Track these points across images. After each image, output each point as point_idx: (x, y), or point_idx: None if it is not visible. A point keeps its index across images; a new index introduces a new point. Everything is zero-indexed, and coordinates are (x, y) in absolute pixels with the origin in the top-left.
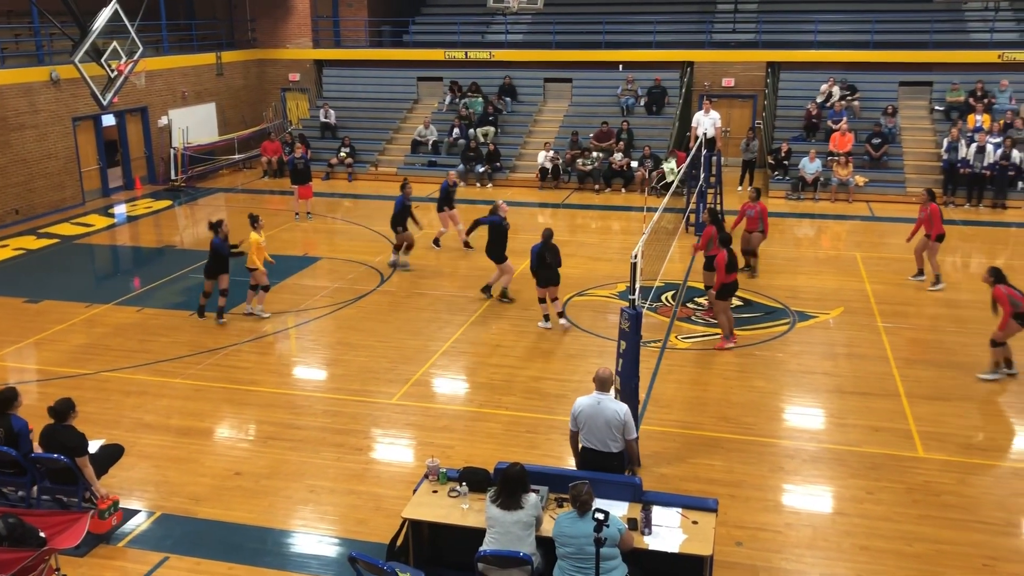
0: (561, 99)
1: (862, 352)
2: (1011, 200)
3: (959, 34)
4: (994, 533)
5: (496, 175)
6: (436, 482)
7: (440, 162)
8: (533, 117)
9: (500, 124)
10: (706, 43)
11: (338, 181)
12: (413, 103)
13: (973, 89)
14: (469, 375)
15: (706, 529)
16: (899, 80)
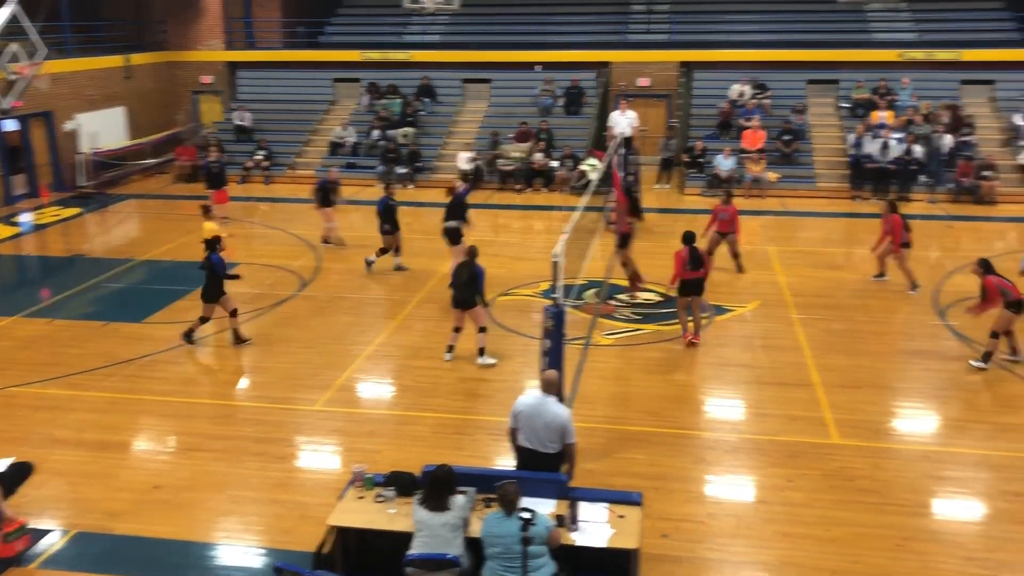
0: (480, 100)
1: (778, 343)
2: (914, 193)
3: (862, 34)
4: (907, 514)
5: (417, 176)
6: (362, 488)
7: (360, 163)
8: (452, 118)
9: (419, 125)
10: (621, 44)
11: (254, 185)
12: (330, 105)
13: (876, 86)
14: (394, 378)
15: (632, 523)
16: (807, 78)
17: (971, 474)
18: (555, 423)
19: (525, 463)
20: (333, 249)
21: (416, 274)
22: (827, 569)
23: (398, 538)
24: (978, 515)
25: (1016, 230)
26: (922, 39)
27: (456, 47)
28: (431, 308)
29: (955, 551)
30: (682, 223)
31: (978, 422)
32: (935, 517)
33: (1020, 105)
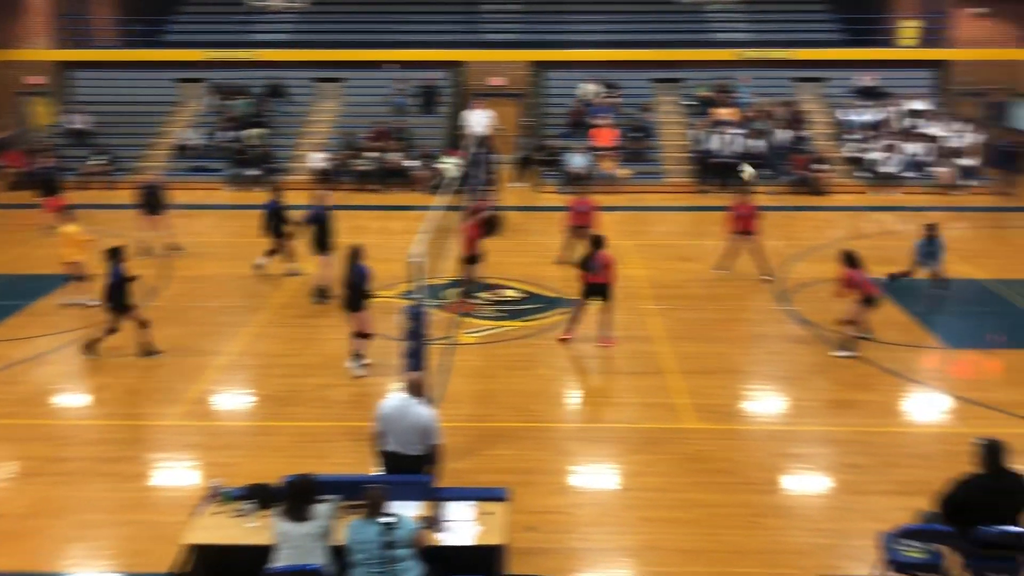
0: (332, 99)
1: (635, 334)
2: (754, 186)
3: (703, 34)
4: (758, 492)
5: (268, 178)
6: (220, 503)
7: (208, 166)
8: (304, 118)
9: (270, 126)
10: (474, 43)
11: (95, 191)
12: (174, 106)
13: (717, 84)
14: (251, 388)
15: (498, 519)
16: (653, 77)
17: (815, 450)
18: (419, 424)
19: (391, 466)
20: (179, 256)
21: (272, 280)
22: (686, 550)
23: (259, 552)
24: (822, 488)
25: (846, 218)
26: (757, 39)
27: (306, 46)
28: (289, 314)
29: (802, 524)
30: (539, 220)
31: (820, 400)
32: (784, 493)
33: (845, 101)
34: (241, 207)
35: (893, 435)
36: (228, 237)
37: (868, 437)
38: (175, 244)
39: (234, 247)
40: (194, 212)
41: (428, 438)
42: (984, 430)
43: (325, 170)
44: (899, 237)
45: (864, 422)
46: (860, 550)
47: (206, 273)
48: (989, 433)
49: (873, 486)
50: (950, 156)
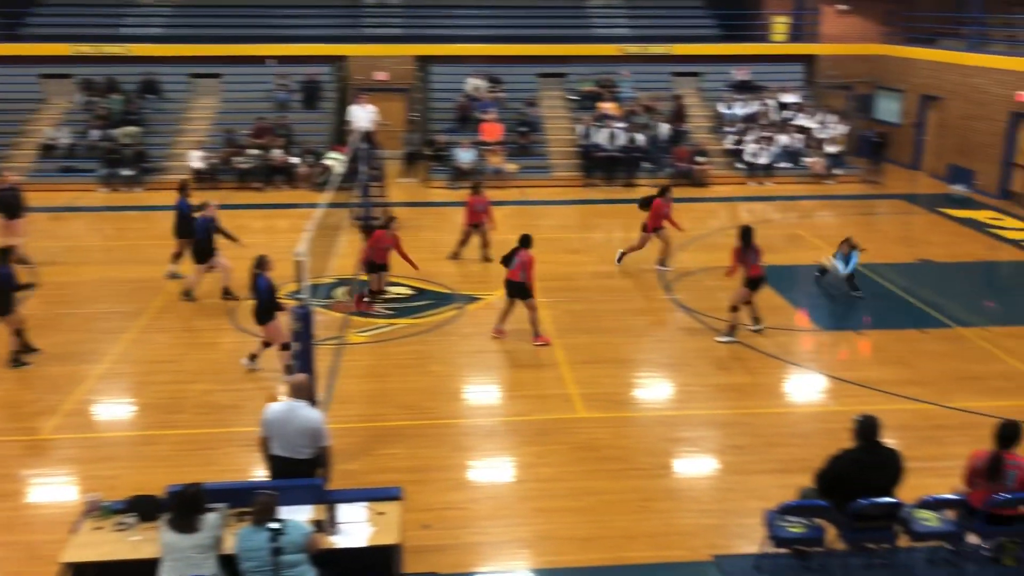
0: (211, 96)
1: (525, 327)
2: (639, 179)
3: (586, 29)
4: (647, 477)
5: (145, 178)
6: (100, 517)
7: (78, 167)
8: (181, 115)
9: (144, 124)
10: (356, 37)
11: None
12: (39, 103)
13: (600, 79)
14: (132, 397)
15: (392, 518)
16: (538, 72)
17: (701, 433)
18: (307, 427)
19: (279, 471)
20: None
21: (150, 283)
22: (579, 538)
23: (144, 567)
24: (709, 470)
25: (725, 208)
26: (637, 34)
27: (181, 40)
28: (169, 319)
29: (691, 505)
30: (429, 216)
31: (704, 385)
32: (673, 477)
33: (723, 95)
34: (117, 208)
35: (774, 416)
36: (104, 240)
37: (750, 419)
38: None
39: (110, 251)
40: (65, 215)
41: (316, 441)
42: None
43: (205, 169)
44: (775, 226)
45: (746, 404)
46: (746, 528)
47: (81, 278)
48: (863, 410)
49: (756, 466)
50: (820, 147)
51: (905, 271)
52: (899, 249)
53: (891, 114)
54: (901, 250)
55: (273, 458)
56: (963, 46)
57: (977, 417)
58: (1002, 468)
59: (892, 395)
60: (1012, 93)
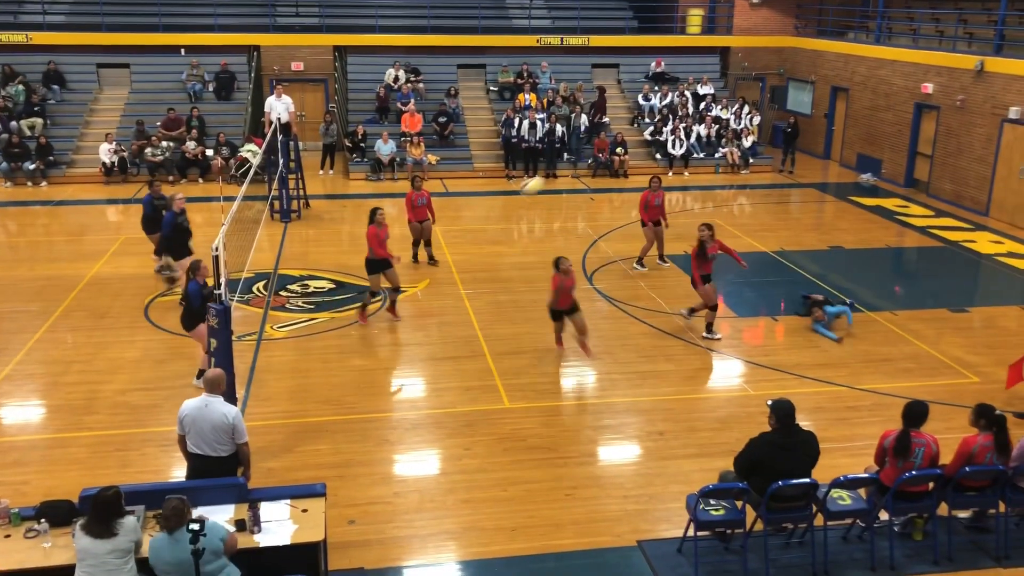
0: (120, 86)
1: (449, 319)
2: (560, 170)
3: (504, 20)
4: (573, 465)
5: (50, 171)
6: (8, 525)
7: None
8: (88, 106)
9: (49, 115)
10: (271, 27)
11: None
12: None
13: (520, 70)
14: (41, 398)
15: (316, 515)
16: (456, 63)
17: (623, 420)
18: (223, 424)
19: (198, 470)
20: None
21: (57, 281)
22: (506, 528)
23: (58, 574)
24: (631, 456)
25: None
26: (556, 26)
27: (86, 28)
28: (79, 317)
29: (615, 492)
30: (350, 208)
31: (625, 373)
32: (597, 464)
33: (641, 87)
34: (20, 203)
35: (693, 401)
36: (7, 236)
37: (671, 404)
38: None
39: (14, 247)
40: None
41: (235, 437)
42: (774, 391)
43: (115, 162)
44: (692, 215)
45: (666, 391)
46: (670, 512)
47: None
48: (779, 394)
49: (678, 451)
50: (735, 137)
51: (817, 257)
52: (811, 236)
53: (802, 105)
54: (813, 237)
55: (191, 456)
56: (870, 39)
57: (887, 398)
58: (909, 446)
59: (806, 378)
60: (917, 84)
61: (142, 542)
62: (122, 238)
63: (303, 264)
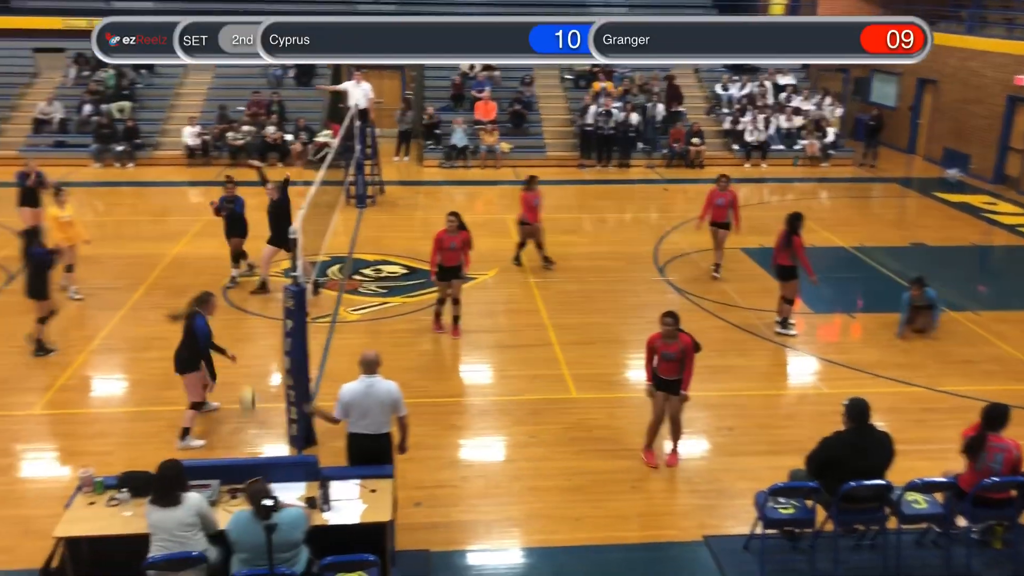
0: (204, 72)
1: (518, 307)
2: (634, 160)
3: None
4: (639, 457)
5: (137, 153)
6: (92, 493)
7: (70, 142)
8: (174, 91)
9: (138, 99)
10: (353, 13)
11: None
12: (31, 77)
13: None
14: (124, 373)
15: (385, 496)
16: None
17: (692, 414)
18: (388, 400)
19: (363, 449)
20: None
21: (141, 259)
22: (571, 517)
23: (136, 542)
24: (699, 451)
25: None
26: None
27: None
28: (161, 295)
29: (682, 486)
30: (423, 195)
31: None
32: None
33: (720, 76)
34: (108, 184)
35: (765, 398)
36: (96, 216)
37: (742, 400)
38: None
39: (102, 226)
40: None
41: (398, 410)
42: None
43: (198, 145)
44: (770, 208)
45: (738, 386)
46: (737, 509)
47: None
48: (854, 393)
49: (747, 447)
50: (815, 129)
51: (898, 255)
52: (892, 232)
53: (887, 97)
54: (894, 233)
55: (354, 436)
56: (961, 29)
57: (967, 401)
58: (982, 447)
59: (883, 378)
60: (1010, 77)
61: (209, 516)
62: (203, 219)
63: (377, 249)
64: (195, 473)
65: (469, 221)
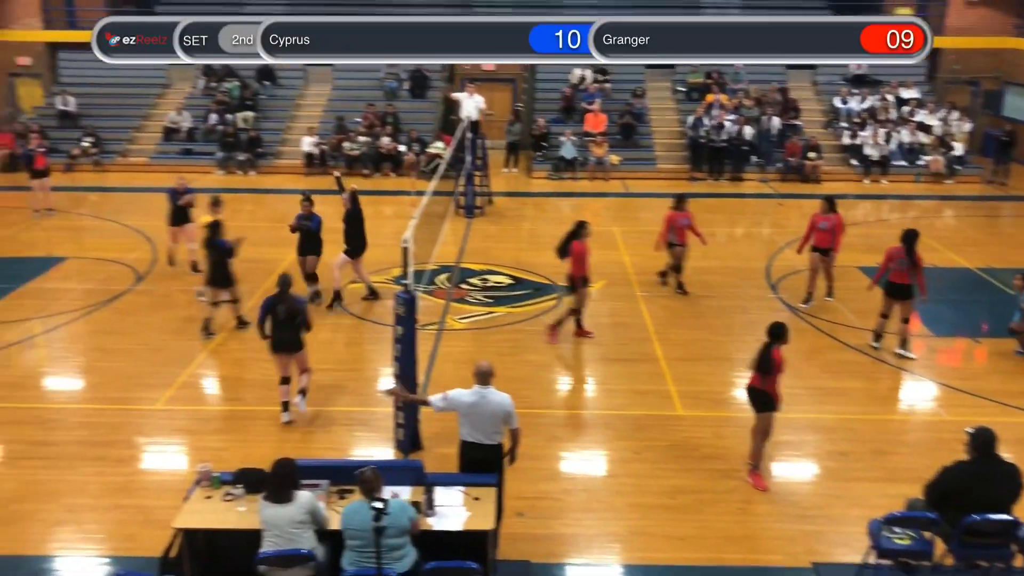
0: (323, 83)
1: (624, 321)
2: (747, 173)
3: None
4: (745, 479)
5: (259, 162)
6: (209, 487)
7: (197, 150)
8: (295, 102)
9: (260, 109)
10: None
11: (82, 173)
12: (163, 88)
13: (710, 71)
14: (240, 372)
15: (488, 504)
16: (645, 63)
17: (802, 437)
18: (500, 411)
19: (473, 459)
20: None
21: (260, 264)
22: (674, 536)
23: (249, 537)
24: (809, 475)
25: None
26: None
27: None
28: None
29: (790, 510)
30: (531, 206)
31: (807, 388)
32: (773, 480)
33: (839, 89)
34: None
35: (881, 422)
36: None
37: (856, 424)
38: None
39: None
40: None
41: (511, 423)
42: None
43: (315, 155)
44: (889, 225)
45: (852, 409)
46: (849, 537)
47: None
48: (976, 421)
49: (861, 473)
50: (941, 144)
51: None
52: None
53: (1021, 112)
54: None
55: (466, 445)
56: None
57: None
58: None
59: (1010, 407)
60: None
61: (319, 513)
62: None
63: (484, 259)
64: (305, 472)
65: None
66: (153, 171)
